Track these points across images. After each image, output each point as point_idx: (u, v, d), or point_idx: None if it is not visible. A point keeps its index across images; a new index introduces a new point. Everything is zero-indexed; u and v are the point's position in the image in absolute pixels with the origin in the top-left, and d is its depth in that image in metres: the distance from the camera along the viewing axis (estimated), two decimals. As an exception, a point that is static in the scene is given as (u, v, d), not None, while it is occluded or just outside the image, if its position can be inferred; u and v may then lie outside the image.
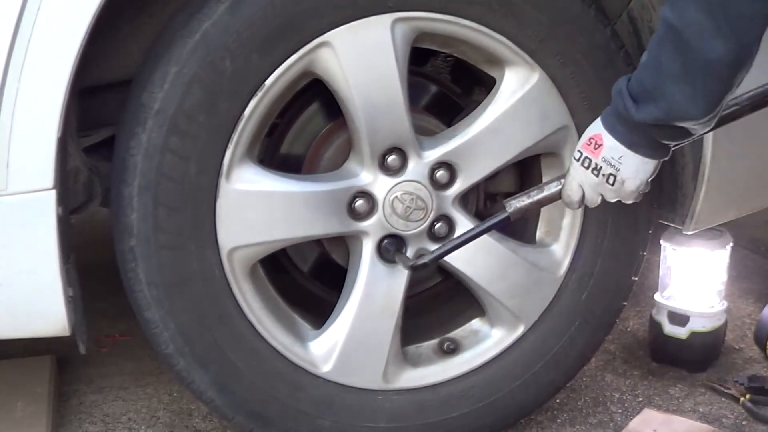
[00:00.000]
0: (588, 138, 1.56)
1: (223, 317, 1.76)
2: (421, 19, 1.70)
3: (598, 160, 1.55)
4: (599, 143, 1.53)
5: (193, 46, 1.63)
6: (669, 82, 1.40)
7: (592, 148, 1.55)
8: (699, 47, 1.34)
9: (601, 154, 1.54)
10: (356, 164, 1.78)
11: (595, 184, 1.58)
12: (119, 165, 1.69)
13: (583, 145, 1.57)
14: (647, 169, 1.55)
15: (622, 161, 1.53)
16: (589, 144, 1.55)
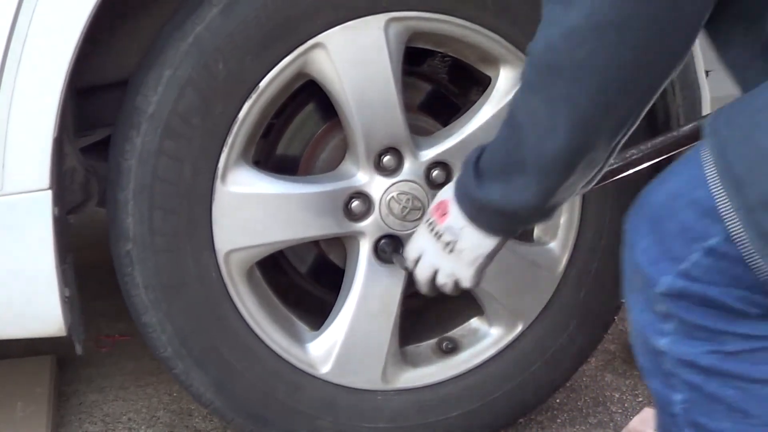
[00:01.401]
0: (438, 202, 1.51)
1: (221, 320, 1.75)
2: (414, 19, 1.69)
3: (441, 227, 1.49)
4: (445, 211, 1.49)
5: (187, 49, 1.62)
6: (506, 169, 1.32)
7: (439, 214, 1.50)
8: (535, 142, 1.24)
9: (445, 222, 1.48)
10: (352, 165, 1.78)
11: (435, 251, 1.51)
12: (114, 169, 1.69)
13: (432, 209, 1.52)
14: (486, 246, 1.47)
15: (462, 233, 1.46)
16: (437, 209, 1.51)
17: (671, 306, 1.11)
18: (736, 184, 1.05)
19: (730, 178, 1.06)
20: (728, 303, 1.10)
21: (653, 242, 1.13)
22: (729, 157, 1.06)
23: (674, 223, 1.10)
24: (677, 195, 1.11)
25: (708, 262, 1.08)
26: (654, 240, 1.13)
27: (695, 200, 1.08)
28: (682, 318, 1.12)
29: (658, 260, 1.12)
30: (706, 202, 1.06)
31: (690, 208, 1.09)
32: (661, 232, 1.12)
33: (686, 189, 1.10)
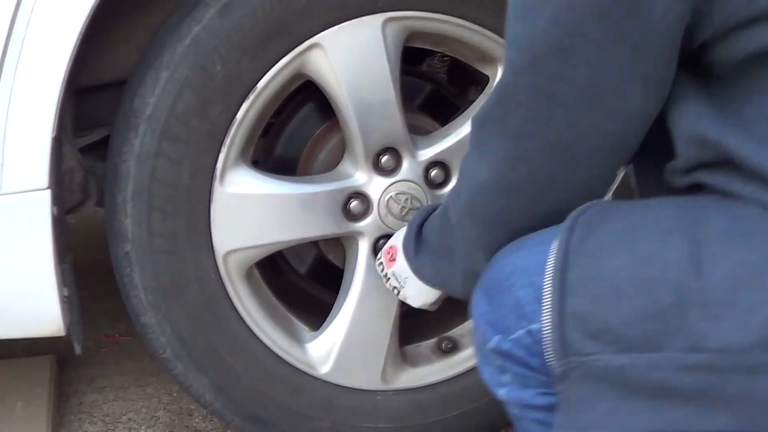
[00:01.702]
0: (390, 246, 1.56)
1: (220, 320, 1.75)
2: (412, 19, 1.69)
3: (388, 272, 1.56)
4: (393, 257, 1.53)
5: (184, 50, 1.62)
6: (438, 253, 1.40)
7: (388, 258, 1.55)
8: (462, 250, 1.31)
9: (391, 268, 1.54)
10: (350, 165, 1.77)
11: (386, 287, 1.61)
12: (113, 170, 1.68)
13: (384, 251, 1.58)
14: (430, 296, 1.56)
15: (407, 282, 1.54)
16: (388, 253, 1.56)
17: (500, 361, 1.18)
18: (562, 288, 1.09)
19: (561, 280, 1.10)
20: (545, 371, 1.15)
21: (492, 307, 1.19)
22: (569, 261, 1.10)
23: (511, 297, 1.15)
24: (521, 271, 1.16)
25: (528, 341, 1.13)
26: (493, 305, 1.19)
27: (533, 284, 1.13)
28: (512, 371, 1.18)
29: (492, 323, 1.18)
30: (539, 291, 1.11)
31: (526, 289, 1.14)
32: (500, 300, 1.17)
33: (529, 270, 1.14)
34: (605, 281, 1.07)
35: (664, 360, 1.04)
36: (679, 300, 1.03)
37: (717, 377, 1.02)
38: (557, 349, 1.09)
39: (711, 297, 1.02)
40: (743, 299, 1.01)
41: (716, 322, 1.01)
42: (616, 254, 1.08)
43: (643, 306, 1.05)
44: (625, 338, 1.05)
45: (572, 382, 1.10)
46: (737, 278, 1.02)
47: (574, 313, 1.08)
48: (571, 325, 1.08)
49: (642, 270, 1.06)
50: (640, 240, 1.08)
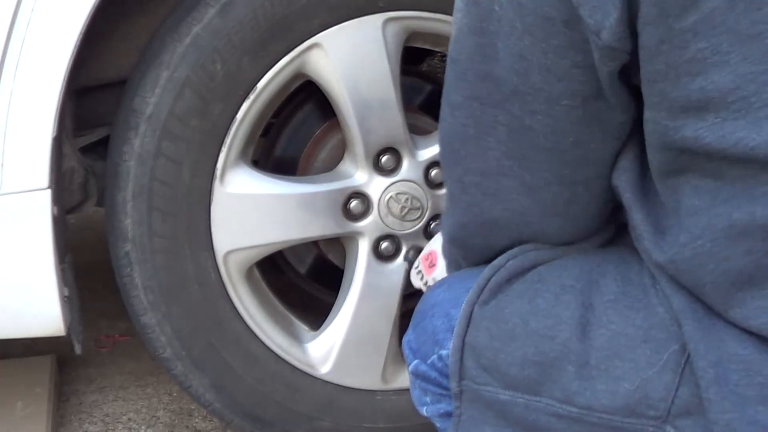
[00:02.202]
0: (428, 252, 1.55)
1: (220, 320, 1.75)
2: (412, 19, 1.69)
3: (428, 279, 1.55)
4: (434, 263, 1.52)
5: (184, 50, 1.62)
6: None
7: (427, 265, 1.55)
8: None
9: (432, 274, 1.54)
10: (351, 165, 1.77)
11: None
12: (113, 170, 1.68)
13: (422, 257, 1.57)
14: None
15: None
16: (426, 259, 1.55)
17: (419, 383, 1.28)
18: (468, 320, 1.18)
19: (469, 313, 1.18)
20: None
21: (415, 335, 1.27)
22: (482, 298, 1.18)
23: (430, 326, 1.24)
24: (441, 304, 1.24)
25: (440, 365, 1.22)
26: (416, 333, 1.27)
27: (448, 314, 1.22)
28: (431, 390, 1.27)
29: (414, 350, 1.27)
30: (453, 321, 1.20)
31: (442, 319, 1.23)
32: (422, 328, 1.26)
33: (448, 303, 1.23)
34: (502, 323, 1.15)
35: (540, 405, 1.13)
36: (561, 356, 1.11)
37: (584, 429, 1.11)
38: (454, 371, 1.18)
39: (589, 360, 1.09)
40: (615, 368, 1.08)
41: (589, 383, 1.09)
42: (518, 302, 1.15)
43: (528, 353, 1.13)
44: (510, 378, 1.14)
45: (465, 402, 1.19)
46: (614, 348, 1.09)
47: (472, 345, 1.17)
48: (468, 353, 1.17)
49: (535, 321, 1.13)
50: (541, 292, 1.15)
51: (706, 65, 0.94)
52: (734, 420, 1.01)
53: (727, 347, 1.02)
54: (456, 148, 1.16)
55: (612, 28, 0.96)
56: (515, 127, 1.09)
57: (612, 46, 0.97)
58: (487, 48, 1.06)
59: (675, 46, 0.94)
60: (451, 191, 1.21)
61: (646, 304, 1.10)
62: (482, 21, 1.06)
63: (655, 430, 1.08)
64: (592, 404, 1.09)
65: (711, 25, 0.92)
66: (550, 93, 1.05)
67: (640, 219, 1.09)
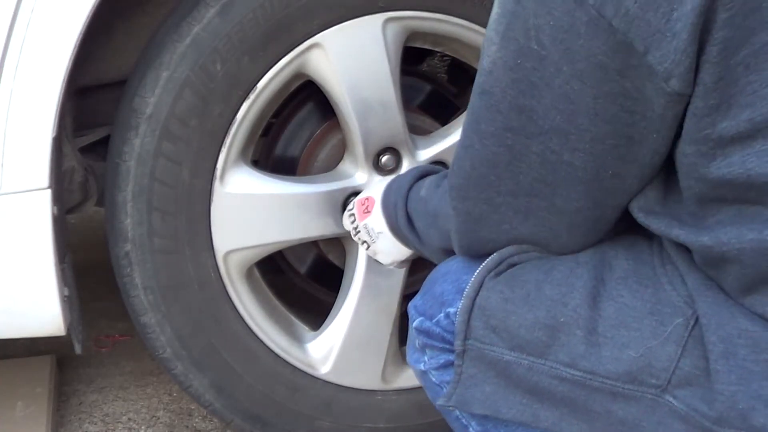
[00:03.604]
0: (365, 197, 1.58)
1: (220, 320, 1.75)
2: (412, 19, 1.69)
3: (359, 224, 1.59)
4: (368, 209, 1.55)
5: (184, 50, 1.62)
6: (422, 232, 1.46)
7: (362, 210, 1.58)
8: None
9: (364, 220, 1.57)
10: (351, 165, 1.77)
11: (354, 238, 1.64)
12: (113, 170, 1.68)
13: (358, 201, 1.59)
14: (401, 253, 1.60)
15: (379, 237, 1.57)
16: (363, 204, 1.58)
17: (421, 338, 1.32)
18: (480, 284, 1.23)
19: (482, 277, 1.24)
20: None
21: (422, 300, 1.34)
22: (499, 268, 1.24)
23: (438, 290, 1.30)
24: (453, 272, 1.31)
25: (446, 322, 1.28)
26: (425, 298, 1.33)
27: (458, 279, 1.28)
28: (431, 345, 1.31)
29: (420, 311, 1.33)
30: (463, 284, 1.25)
31: (452, 283, 1.29)
32: (430, 294, 1.32)
33: (460, 270, 1.29)
34: (517, 288, 1.21)
35: (544, 367, 1.18)
36: (571, 321, 1.16)
37: (585, 393, 1.16)
38: (461, 330, 1.23)
39: (597, 327, 1.15)
40: (621, 336, 1.14)
41: (595, 349, 1.15)
42: (534, 271, 1.21)
43: (540, 316, 1.18)
44: (518, 339, 1.19)
45: (468, 361, 1.24)
46: (622, 318, 1.14)
47: (482, 306, 1.22)
48: (477, 314, 1.22)
49: (549, 288, 1.19)
50: (557, 264, 1.21)
51: (755, 97, 0.98)
52: (738, 393, 1.05)
53: (738, 323, 1.07)
54: (485, 173, 1.19)
55: (682, 76, 0.99)
56: (551, 159, 1.12)
57: (681, 93, 1.01)
58: (523, 84, 1.09)
59: (728, 81, 0.99)
60: (479, 213, 1.23)
61: (654, 282, 1.16)
62: (519, 58, 1.08)
63: (653, 398, 1.12)
64: (596, 369, 1.14)
65: (762, 59, 0.97)
66: (595, 134, 1.08)
67: (663, 226, 1.15)
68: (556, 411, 1.19)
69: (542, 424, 1.21)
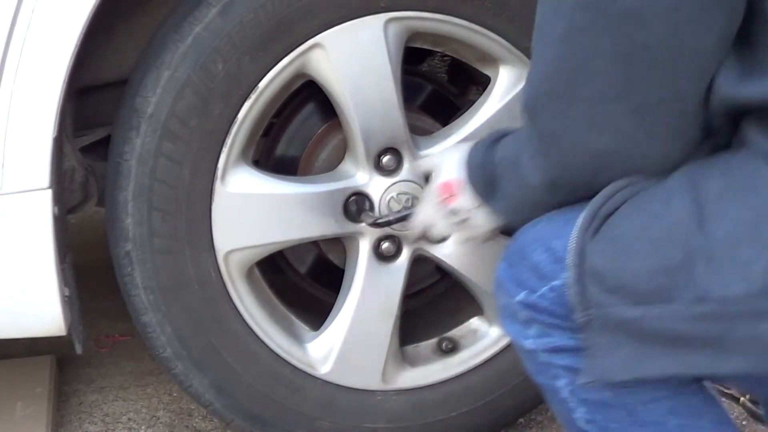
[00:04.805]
0: (444, 183, 1.50)
1: (220, 320, 1.75)
2: (414, 19, 1.69)
3: (451, 208, 1.50)
4: (454, 192, 1.48)
5: (185, 50, 1.62)
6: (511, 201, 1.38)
7: (448, 193, 1.50)
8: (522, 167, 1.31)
9: (455, 204, 1.49)
10: (351, 165, 1.78)
11: (444, 225, 1.54)
12: (113, 169, 1.68)
13: (439, 187, 1.51)
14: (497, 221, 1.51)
15: (475, 213, 1.48)
16: (444, 190, 1.50)
17: (529, 313, 1.25)
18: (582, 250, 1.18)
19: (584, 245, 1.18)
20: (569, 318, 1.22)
21: (515, 272, 1.27)
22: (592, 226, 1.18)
23: (532, 261, 1.24)
24: (540, 239, 1.25)
25: (552, 295, 1.22)
26: (516, 270, 1.27)
27: (551, 248, 1.22)
28: (538, 320, 1.25)
29: (518, 283, 1.26)
30: (559, 252, 1.20)
31: (546, 252, 1.23)
32: (522, 265, 1.26)
33: (549, 236, 1.24)
34: (619, 243, 1.15)
35: (673, 311, 1.11)
36: (686, 257, 1.10)
37: (724, 325, 1.09)
38: (578, 302, 1.17)
39: (714, 253, 1.09)
40: (742, 253, 1.08)
41: (719, 276, 1.08)
42: (628, 218, 1.16)
43: (653, 263, 1.12)
44: (638, 292, 1.13)
45: (594, 331, 1.18)
46: (736, 234, 1.09)
47: (592, 271, 1.16)
48: (591, 280, 1.16)
49: (651, 230, 1.14)
50: (648, 203, 1.16)
51: None
52: None
53: None
54: (554, 84, 1.17)
55: None
56: (625, 49, 1.11)
57: None
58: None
59: None
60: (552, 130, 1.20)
61: (754, 185, 1.11)
62: None
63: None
64: (726, 296, 1.08)
65: None
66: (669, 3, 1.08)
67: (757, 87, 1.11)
68: (704, 352, 1.12)
69: (695, 370, 1.15)
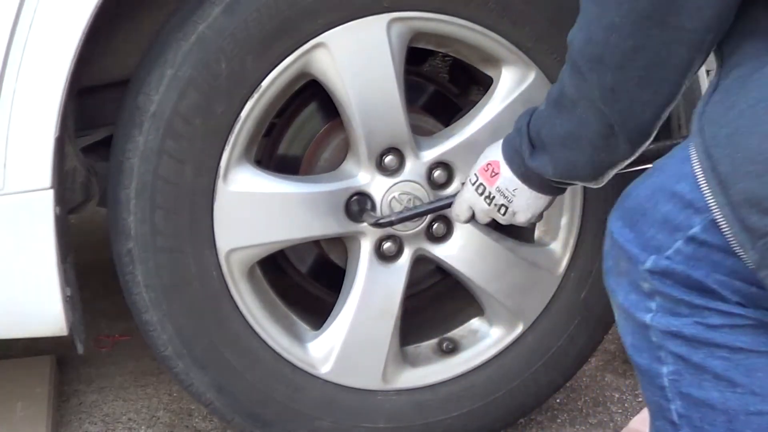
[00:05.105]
0: (486, 163, 1.52)
1: (222, 319, 1.75)
2: (417, 19, 1.70)
3: (492, 189, 1.52)
4: (496, 171, 1.50)
5: (189, 48, 1.62)
6: (558, 143, 1.36)
7: (488, 175, 1.52)
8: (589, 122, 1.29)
9: (495, 184, 1.51)
10: (353, 165, 1.78)
11: (487, 210, 1.56)
12: (116, 168, 1.69)
13: (479, 170, 1.53)
14: (540, 204, 1.52)
15: (516, 194, 1.50)
16: (486, 170, 1.52)
17: (656, 283, 1.17)
18: (720, 182, 1.11)
19: (716, 176, 1.12)
20: (709, 285, 1.16)
21: (638, 232, 1.19)
22: (714, 156, 1.12)
23: (657, 214, 1.16)
24: (660, 189, 1.18)
25: (689, 249, 1.14)
26: (638, 230, 1.19)
27: (676, 193, 1.15)
28: (665, 293, 1.17)
29: (643, 246, 1.18)
30: (687, 195, 1.13)
31: (671, 200, 1.15)
32: (645, 222, 1.18)
33: (669, 183, 1.17)
34: (759, 156, 1.08)
35: None
36: None
37: None
38: (744, 240, 1.10)
39: None
40: None
41: None
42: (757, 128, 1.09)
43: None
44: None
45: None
46: None
47: (744, 200, 1.09)
48: (746, 211, 1.09)
49: None
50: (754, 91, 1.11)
51: None
52: None
53: None
54: None
55: None
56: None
57: None
58: None
59: None
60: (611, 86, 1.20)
61: None
62: None
63: None
64: None
65: None
66: None
67: None
68: None
69: None
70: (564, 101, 1.32)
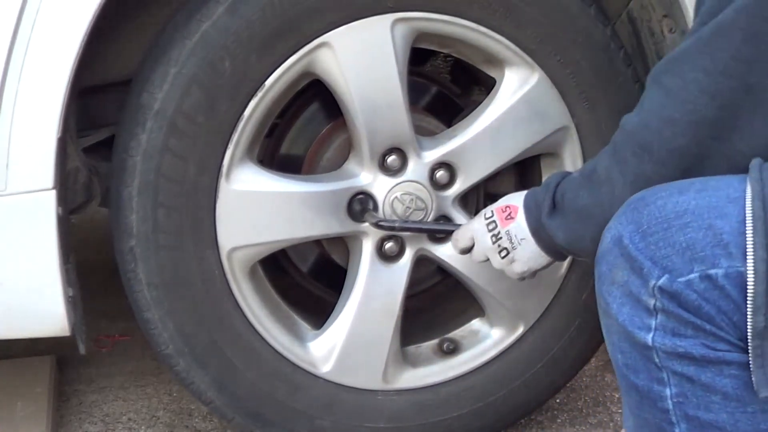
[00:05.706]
0: (505, 205, 1.56)
1: (223, 318, 1.76)
2: (421, 20, 1.70)
3: (502, 230, 1.55)
4: (512, 216, 1.54)
5: (192, 46, 1.63)
6: (575, 213, 1.41)
7: (504, 217, 1.55)
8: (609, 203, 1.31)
9: (507, 226, 1.54)
10: (356, 164, 1.78)
11: (488, 248, 1.59)
12: (119, 166, 1.69)
13: (497, 209, 1.57)
14: (539, 262, 1.56)
15: (522, 244, 1.54)
16: (504, 211, 1.56)
17: (665, 302, 1.12)
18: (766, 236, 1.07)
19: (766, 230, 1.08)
20: (718, 322, 1.13)
21: (651, 244, 1.14)
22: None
23: (681, 236, 1.11)
24: (695, 213, 1.12)
25: (703, 285, 1.10)
26: (652, 242, 1.14)
27: (713, 227, 1.10)
28: (671, 312, 1.12)
29: (655, 260, 1.13)
30: (726, 235, 1.09)
31: (704, 231, 1.10)
32: (664, 238, 1.13)
33: (708, 213, 1.11)
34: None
35: None
36: None
37: None
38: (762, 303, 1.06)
39: None
40: None
41: None
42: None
43: None
44: None
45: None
46: None
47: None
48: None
49: None
50: None
51: None
52: None
53: None
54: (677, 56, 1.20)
55: None
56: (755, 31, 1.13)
57: None
58: None
59: None
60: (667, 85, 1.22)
61: None
62: None
63: None
64: None
65: None
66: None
67: None
68: None
69: None
70: (594, 177, 1.36)
